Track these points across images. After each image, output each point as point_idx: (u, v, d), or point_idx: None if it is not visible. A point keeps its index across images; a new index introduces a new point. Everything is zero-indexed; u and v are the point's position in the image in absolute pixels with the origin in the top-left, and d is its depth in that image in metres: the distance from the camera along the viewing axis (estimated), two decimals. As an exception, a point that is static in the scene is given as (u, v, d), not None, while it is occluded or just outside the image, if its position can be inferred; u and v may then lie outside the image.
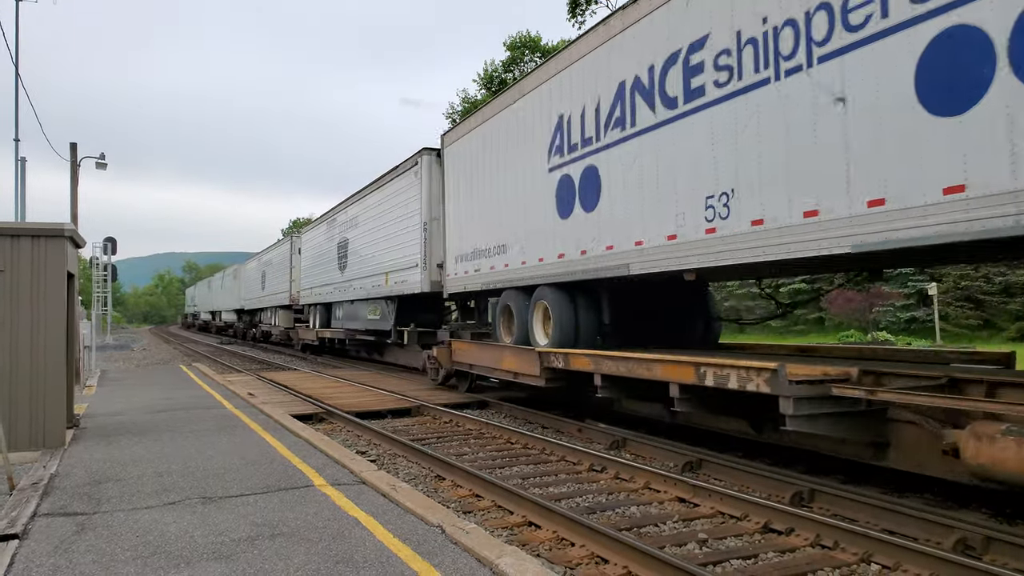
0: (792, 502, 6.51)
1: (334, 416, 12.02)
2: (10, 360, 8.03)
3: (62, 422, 8.51)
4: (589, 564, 5.27)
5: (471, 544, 4.77)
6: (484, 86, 48.08)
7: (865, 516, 6.02)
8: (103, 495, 6.22)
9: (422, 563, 4.49)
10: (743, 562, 5.29)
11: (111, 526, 5.34)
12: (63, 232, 8.52)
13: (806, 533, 5.70)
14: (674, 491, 7.05)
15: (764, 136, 7.21)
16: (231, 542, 4.94)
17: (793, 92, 6.84)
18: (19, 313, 8.15)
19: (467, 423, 11.34)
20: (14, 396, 8.04)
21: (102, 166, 25.48)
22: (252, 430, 9.48)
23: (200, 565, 4.52)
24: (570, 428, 10.56)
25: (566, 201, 10.65)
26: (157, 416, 10.86)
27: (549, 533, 5.89)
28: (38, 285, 8.27)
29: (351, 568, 4.44)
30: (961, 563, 4.79)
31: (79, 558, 4.66)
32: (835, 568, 5.13)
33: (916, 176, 5.72)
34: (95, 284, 25.15)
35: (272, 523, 5.36)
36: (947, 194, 5.50)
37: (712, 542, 5.70)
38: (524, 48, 48.37)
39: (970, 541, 5.26)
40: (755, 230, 7.32)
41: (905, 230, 5.79)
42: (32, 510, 5.69)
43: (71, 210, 23.20)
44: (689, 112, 8.24)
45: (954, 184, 5.46)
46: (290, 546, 4.85)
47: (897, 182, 5.88)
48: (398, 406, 12.92)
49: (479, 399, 13.47)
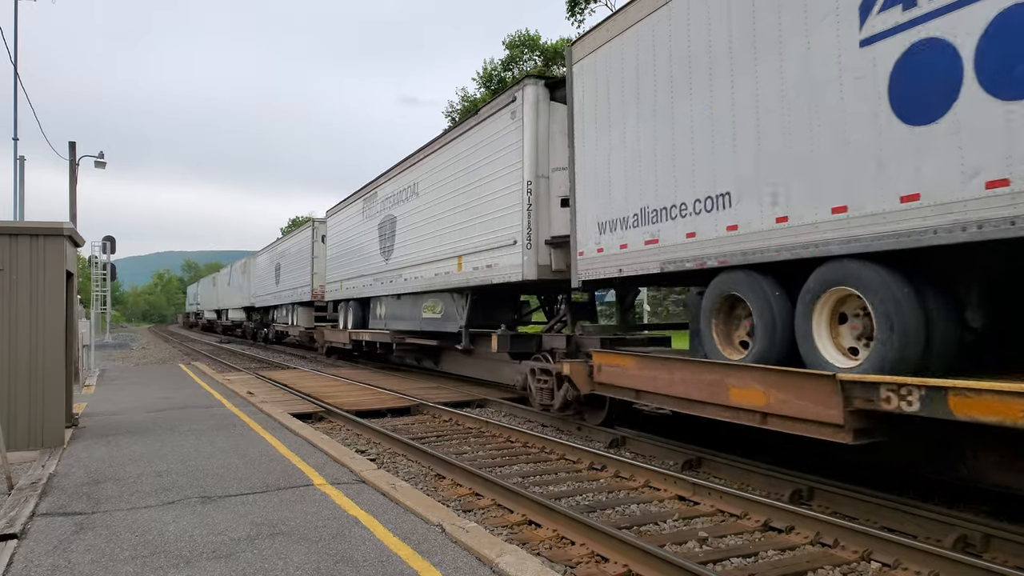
0: (792, 500, 6.52)
1: (334, 415, 12.01)
2: (9, 359, 8.02)
3: (61, 421, 8.49)
4: (589, 562, 5.27)
5: (471, 543, 4.76)
6: (483, 84, 48.06)
7: (865, 514, 6.03)
8: (102, 494, 6.21)
9: (422, 562, 4.49)
10: (743, 560, 5.29)
11: (110, 525, 5.33)
12: (62, 231, 8.50)
13: (806, 531, 5.70)
14: (674, 489, 7.05)
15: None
16: (231, 541, 4.94)
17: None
18: (18, 312, 8.14)
19: (467, 422, 11.34)
20: (13, 395, 8.03)
21: (101, 165, 25.46)
22: (251, 429, 9.48)
23: (200, 564, 4.51)
24: (570, 427, 10.55)
25: (924, 94, 5.40)
26: (156, 415, 10.85)
27: (549, 532, 5.89)
28: (37, 284, 8.25)
29: (351, 567, 4.43)
30: (961, 561, 4.79)
31: (78, 558, 4.66)
32: (835, 566, 5.13)
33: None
34: (94, 283, 25.15)
35: (272, 522, 5.35)
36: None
37: (712, 540, 5.70)
38: (523, 47, 48.37)
39: (970, 539, 5.27)
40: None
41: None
42: (31, 510, 5.68)
43: (70, 209, 23.18)
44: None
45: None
46: (290, 545, 4.84)
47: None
48: (398, 404, 12.92)
49: (480, 398, 13.45)
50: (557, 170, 11.20)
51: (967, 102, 5.12)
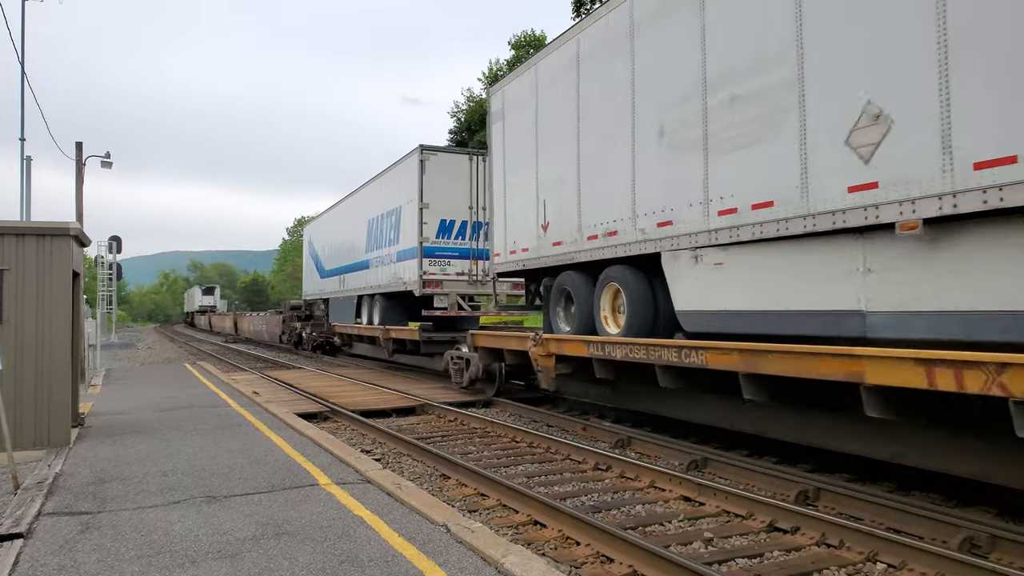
0: (797, 501, 6.49)
1: (339, 415, 12.03)
2: (15, 359, 8.04)
3: (67, 421, 8.53)
4: (594, 563, 5.26)
5: (476, 543, 4.76)
6: (489, 85, 48.12)
7: (870, 515, 6.00)
8: (108, 494, 6.23)
9: (427, 562, 4.49)
10: (749, 561, 5.27)
11: (116, 525, 5.34)
12: (68, 231, 8.53)
13: (812, 532, 5.68)
14: (679, 490, 7.03)
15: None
16: (236, 541, 4.95)
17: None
18: (24, 312, 8.17)
19: (472, 422, 11.34)
20: (19, 395, 8.06)
21: (107, 165, 25.51)
22: (257, 429, 9.49)
23: (205, 564, 4.52)
24: (575, 427, 10.54)
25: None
26: (162, 415, 10.88)
27: (554, 532, 5.88)
28: (43, 284, 8.29)
29: (356, 567, 4.43)
30: (967, 562, 4.77)
31: (84, 557, 4.67)
32: (841, 567, 5.11)
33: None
34: (100, 283, 25.25)
35: (277, 522, 5.36)
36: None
37: (717, 541, 5.69)
38: (529, 47, 48.42)
39: (976, 540, 5.23)
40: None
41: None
42: (37, 509, 5.70)
43: (76, 209, 23.23)
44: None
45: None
46: (295, 545, 4.85)
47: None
48: (403, 404, 12.93)
49: (485, 398, 13.46)
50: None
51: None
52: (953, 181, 5.42)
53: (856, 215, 6.19)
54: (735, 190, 7.50)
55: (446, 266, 17.41)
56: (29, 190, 20.03)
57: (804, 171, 6.70)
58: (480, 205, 17.22)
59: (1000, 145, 5.13)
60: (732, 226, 7.53)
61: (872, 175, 6.04)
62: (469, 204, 17.51)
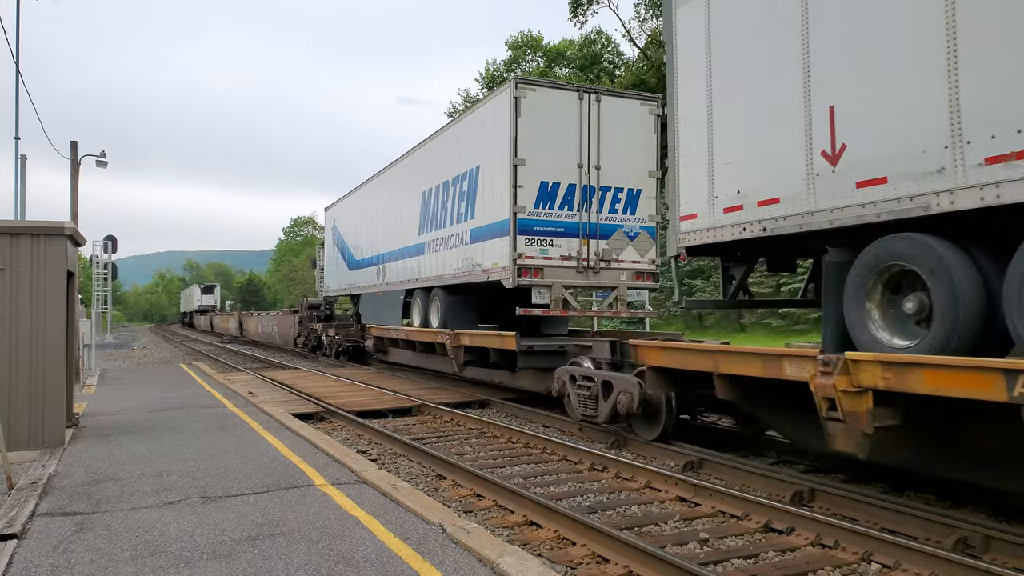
0: (793, 501, 6.51)
1: (335, 415, 12.01)
2: (9, 359, 8.02)
3: (61, 421, 8.50)
4: (590, 563, 5.26)
5: (472, 544, 4.76)
6: (486, 85, 48.13)
7: (865, 515, 6.02)
8: (102, 494, 6.21)
9: (423, 563, 4.49)
10: (744, 561, 5.28)
11: (110, 526, 5.33)
12: (63, 231, 8.51)
13: (807, 532, 5.69)
14: (675, 490, 7.04)
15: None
16: (231, 541, 4.94)
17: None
18: (19, 312, 8.14)
19: (468, 422, 11.33)
20: (13, 395, 8.03)
21: (102, 164, 25.45)
22: (253, 429, 9.48)
23: (200, 565, 4.51)
24: (571, 427, 10.55)
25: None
26: (157, 415, 10.85)
27: (550, 532, 5.88)
28: (38, 284, 8.25)
29: (352, 568, 4.43)
30: (961, 562, 4.79)
31: (78, 558, 4.66)
32: (836, 567, 5.13)
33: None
34: (95, 282, 25.17)
35: (272, 522, 5.35)
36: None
37: (713, 541, 5.70)
38: (526, 48, 48.44)
39: (970, 540, 5.26)
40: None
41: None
42: (31, 510, 5.68)
43: (71, 208, 23.19)
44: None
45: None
46: (290, 545, 4.84)
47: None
48: (399, 405, 12.92)
49: (480, 399, 13.45)
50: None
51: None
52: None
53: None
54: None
55: (547, 247, 12.44)
56: (24, 189, 19.97)
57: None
58: (593, 163, 12.52)
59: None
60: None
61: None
62: (578, 161, 12.49)
